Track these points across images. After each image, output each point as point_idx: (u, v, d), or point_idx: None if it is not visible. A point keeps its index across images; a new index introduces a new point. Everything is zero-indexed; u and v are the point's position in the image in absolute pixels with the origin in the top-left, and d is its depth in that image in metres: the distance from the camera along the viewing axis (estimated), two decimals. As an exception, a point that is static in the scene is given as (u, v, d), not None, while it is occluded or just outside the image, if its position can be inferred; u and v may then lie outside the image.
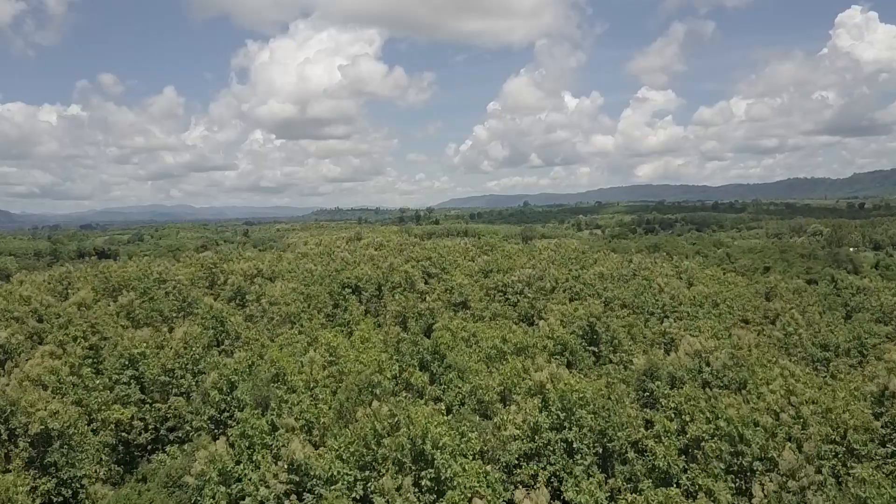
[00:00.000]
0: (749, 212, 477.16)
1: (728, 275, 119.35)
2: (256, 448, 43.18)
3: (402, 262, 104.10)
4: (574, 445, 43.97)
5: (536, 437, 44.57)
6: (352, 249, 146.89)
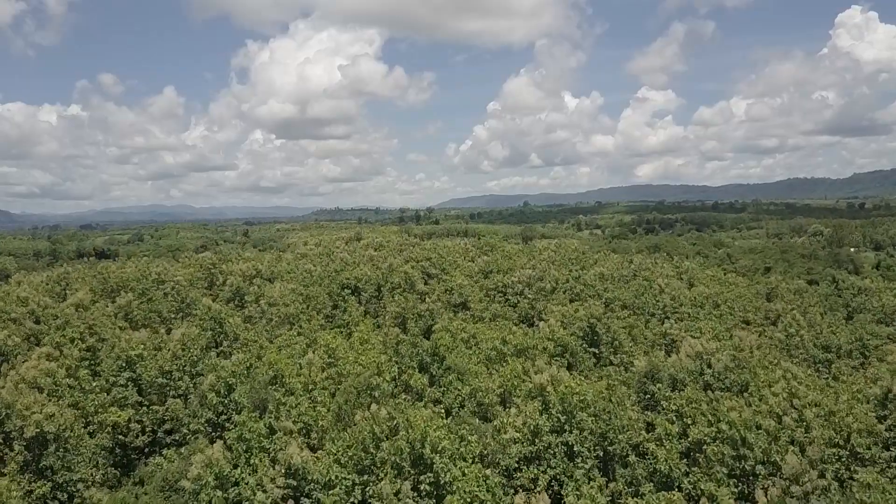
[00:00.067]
0: (749, 212, 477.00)
1: (729, 275, 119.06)
2: (254, 452, 42.75)
3: (402, 263, 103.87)
4: (575, 449, 43.61)
5: (537, 441, 44.18)
6: (351, 250, 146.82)
